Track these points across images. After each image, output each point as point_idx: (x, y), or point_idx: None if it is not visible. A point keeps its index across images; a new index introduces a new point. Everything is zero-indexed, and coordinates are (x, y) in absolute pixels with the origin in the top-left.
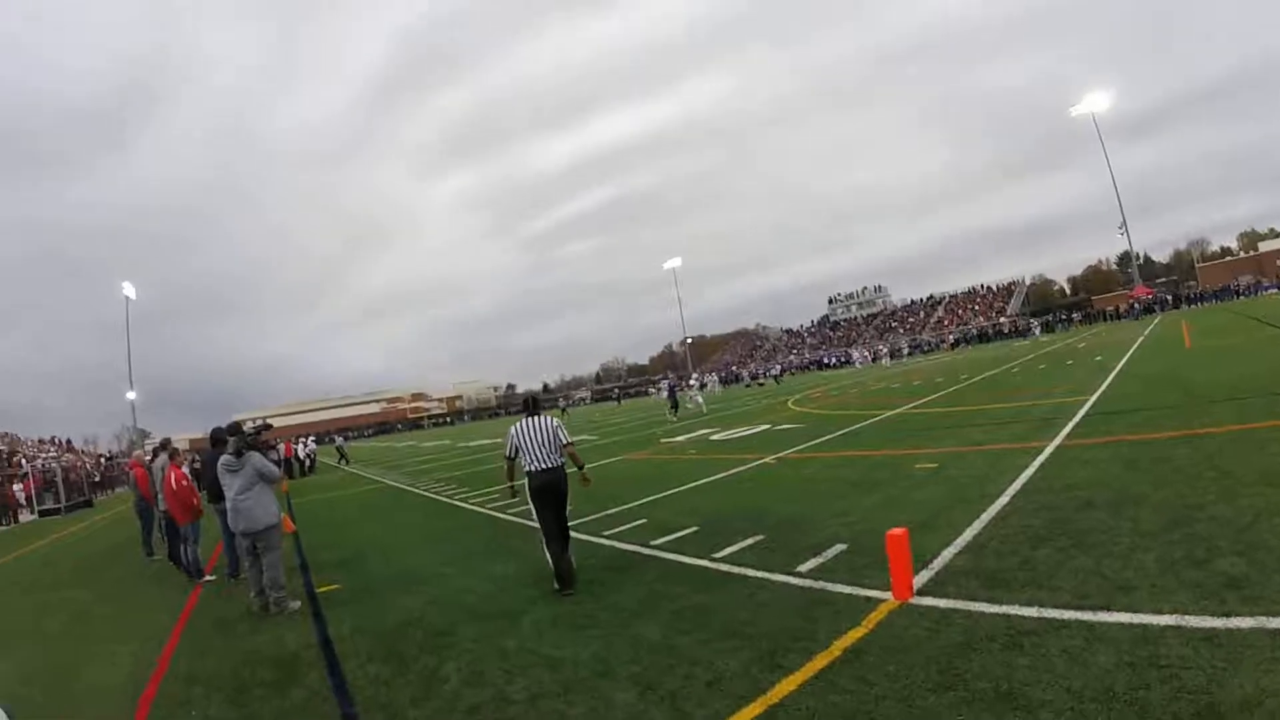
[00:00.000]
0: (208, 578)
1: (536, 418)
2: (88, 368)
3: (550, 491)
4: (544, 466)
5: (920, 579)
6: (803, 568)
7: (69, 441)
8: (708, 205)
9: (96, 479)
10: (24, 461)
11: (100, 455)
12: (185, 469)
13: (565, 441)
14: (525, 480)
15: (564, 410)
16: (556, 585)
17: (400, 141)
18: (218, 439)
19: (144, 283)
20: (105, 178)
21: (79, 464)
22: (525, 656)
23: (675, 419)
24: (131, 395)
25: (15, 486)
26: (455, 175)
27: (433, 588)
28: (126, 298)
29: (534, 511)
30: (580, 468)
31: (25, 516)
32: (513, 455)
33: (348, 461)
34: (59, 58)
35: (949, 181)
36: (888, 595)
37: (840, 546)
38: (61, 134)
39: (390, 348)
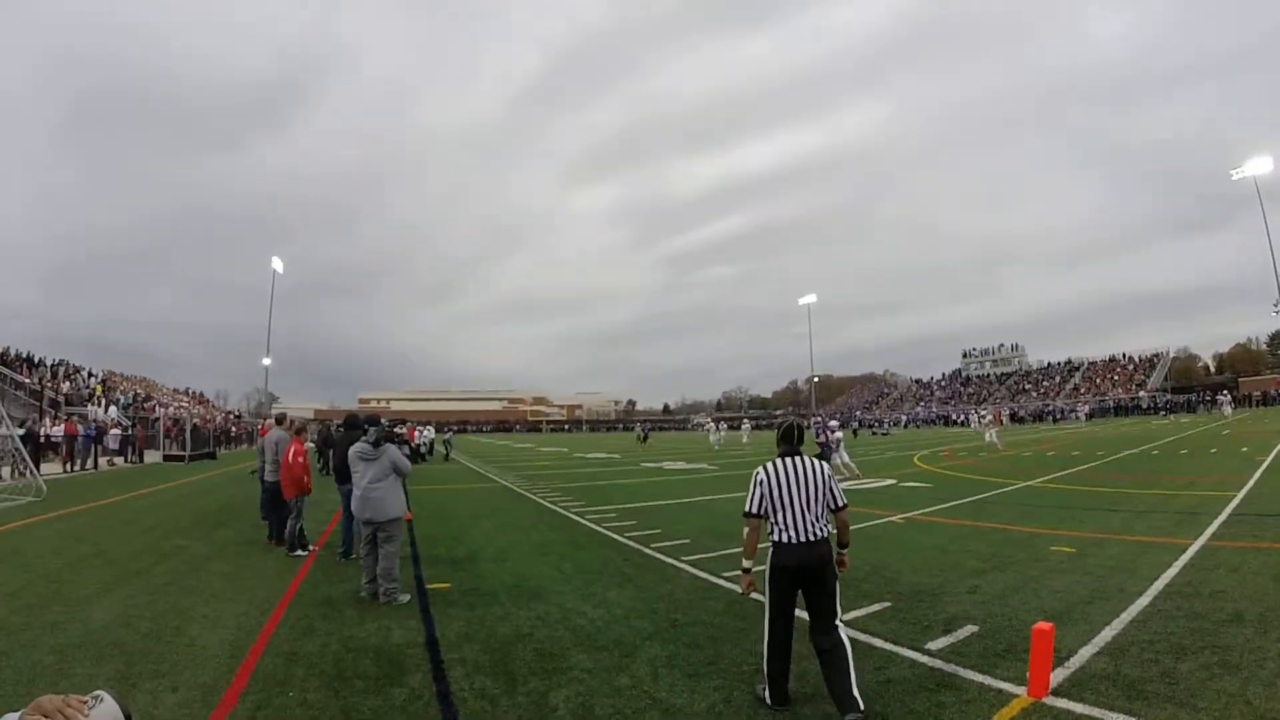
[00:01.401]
0: (299, 552)
1: (798, 459)
2: (229, 328)
3: (808, 575)
4: (804, 539)
5: (1056, 677)
6: (932, 645)
7: (201, 394)
8: (847, 240)
9: (223, 433)
10: (157, 407)
11: (229, 411)
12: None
13: (841, 503)
14: (770, 553)
15: (643, 437)
16: (767, 698)
17: (547, 150)
18: (353, 424)
19: (289, 257)
20: (260, 157)
21: (208, 417)
22: (639, 698)
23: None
24: (267, 361)
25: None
26: (598, 188)
27: (545, 604)
28: (274, 271)
29: (768, 601)
30: (843, 546)
31: (151, 457)
32: (760, 512)
33: (447, 456)
34: (221, 42)
35: (1096, 234)
36: (1021, 691)
37: (972, 627)
38: (222, 113)
39: (516, 350)
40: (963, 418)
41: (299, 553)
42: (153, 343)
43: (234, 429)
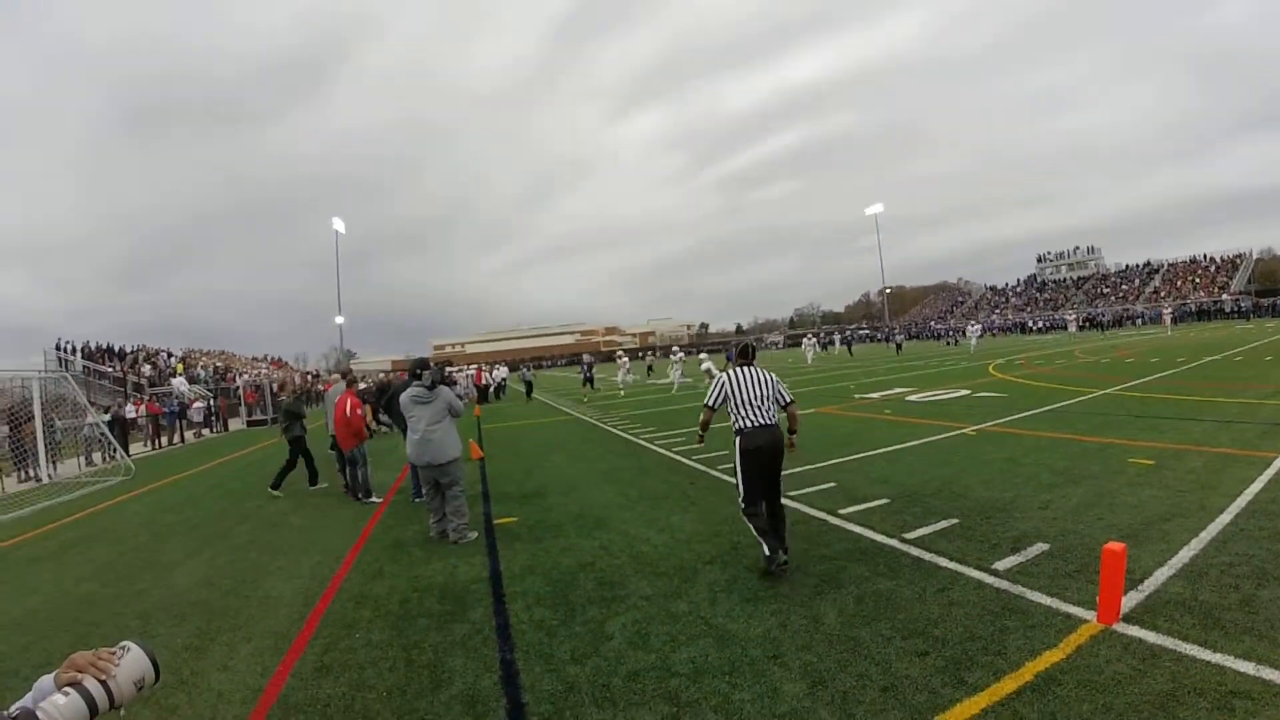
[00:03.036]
0: (373, 499)
1: (752, 368)
2: (301, 292)
3: (765, 454)
4: (760, 423)
5: (1128, 601)
6: (999, 565)
7: (280, 358)
8: (910, 149)
9: (303, 393)
10: (236, 376)
11: (308, 371)
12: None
13: (788, 399)
14: (735, 439)
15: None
16: (766, 561)
17: (590, 80)
18: (415, 373)
19: (353, 218)
20: (308, 125)
21: (288, 379)
22: (695, 624)
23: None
24: (339, 320)
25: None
26: (648, 115)
27: (609, 532)
28: (336, 231)
29: (740, 476)
30: (792, 432)
31: (235, 425)
32: (715, 405)
33: (529, 395)
34: (251, 17)
35: (1176, 133)
36: (1091, 616)
37: (1042, 546)
38: (258, 88)
39: (583, 285)
40: (1043, 324)
41: (372, 499)
42: (228, 318)
43: (317, 388)
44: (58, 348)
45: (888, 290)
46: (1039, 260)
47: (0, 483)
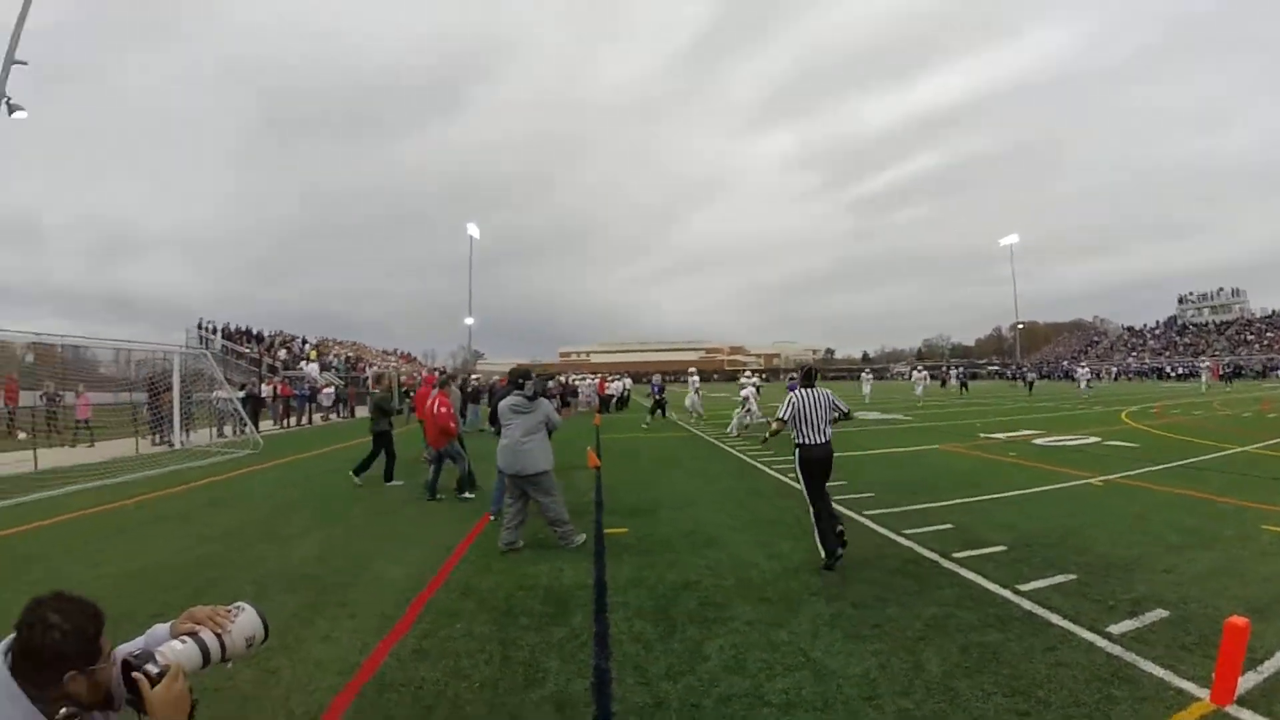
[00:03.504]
0: (467, 494)
1: (813, 390)
2: (433, 295)
3: (818, 465)
4: (816, 441)
5: (1245, 682)
6: (1114, 628)
7: (409, 354)
8: (1049, 172)
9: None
10: (366, 367)
11: (436, 368)
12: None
13: (845, 410)
14: (796, 450)
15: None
16: (824, 559)
17: (723, 97)
18: (517, 381)
19: (484, 227)
20: (443, 138)
21: (413, 374)
22: (793, 655)
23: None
24: (469, 321)
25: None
26: (781, 134)
27: (718, 552)
28: (470, 237)
29: (802, 480)
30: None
31: (361, 412)
32: (785, 419)
33: (664, 413)
34: (395, 34)
35: None
36: (1204, 695)
37: (1161, 612)
38: (401, 102)
39: (709, 301)
40: (1182, 370)
41: (466, 495)
42: (364, 312)
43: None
44: (199, 326)
45: (1020, 326)
46: (1180, 301)
47: (136, 443)
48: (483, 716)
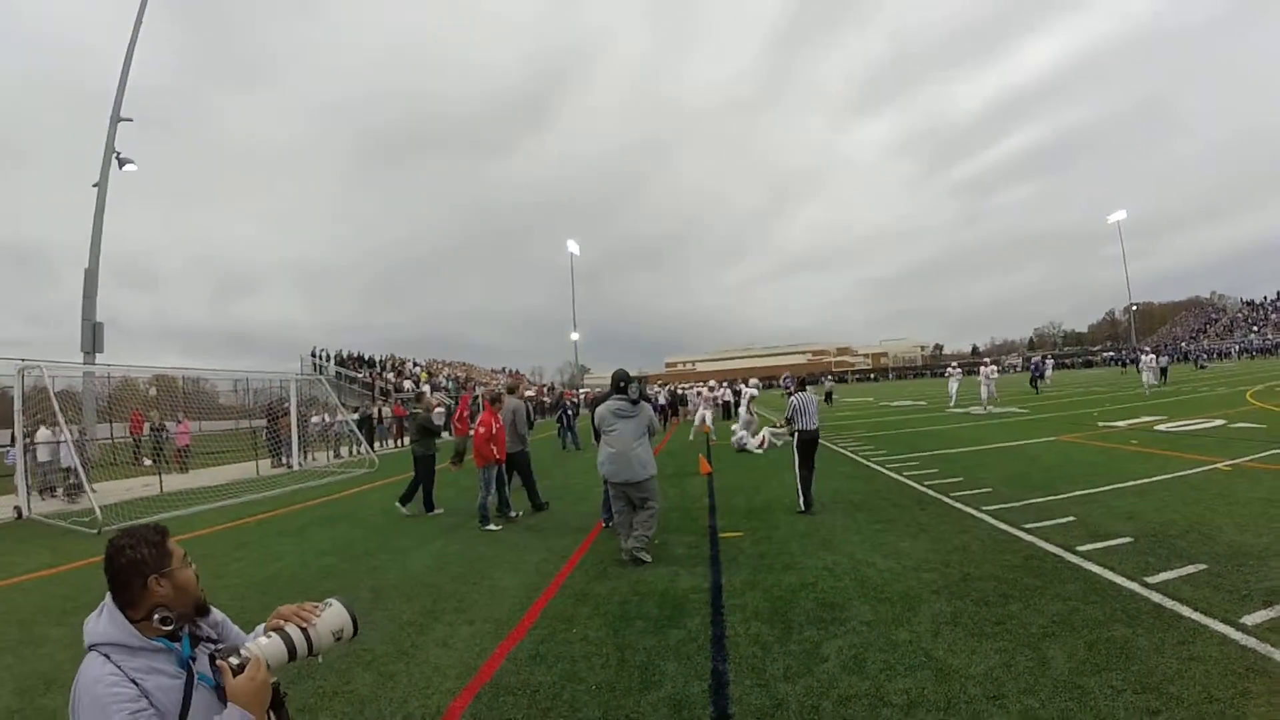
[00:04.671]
0: (490, 527)
1: (805, 393)
2: (539, 309)
3: (810, 445)
4: (811, 427)
5: None
6: (1248, 619)
7: (517, 371)
8: (1152, 141)
9: (538, 405)
10: (476, 386)
11: (543, 385)
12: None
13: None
14: (795, 435)
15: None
16: (802, 507)
17: (812, 88)
18: (618, 385)
19: (584, 240)
20: (535, 155)
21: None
22: (914, 655)
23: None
24: (575, 336)
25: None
26: (873, 121)
27: (834, 554)
28: (571, 254)
29: (796, 456)
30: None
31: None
32: (791, 418)
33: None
34: (481, 58)
35: None
36: None
37: None
38: (491, 124)
39: (817, 302)
40: None
41: (490, 527)
42: (471, 332)
43: (547, 400)
44: (313, 354)
45: (1134, 307)
46: None
47: (256, 466)
48: (599, 718)
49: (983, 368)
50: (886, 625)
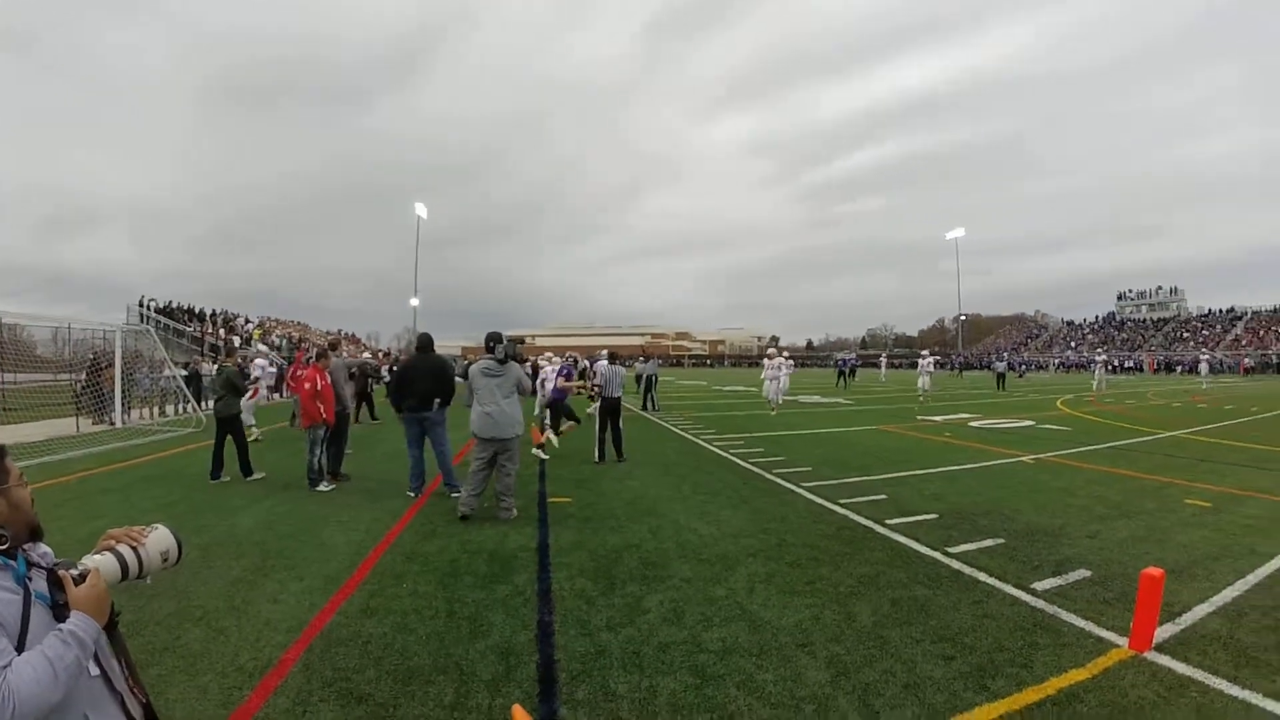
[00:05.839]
0: (321, 486)
1: (615, 366)
2: (381, 273)
3: (611, 409)
4: (615, 395)
5: (1163, 632)
6: (1038, 585)
7: (353, 334)
8: (1001, 173)
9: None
10: (311, 347)
11: (379, 350)
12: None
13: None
14: (599, 400)
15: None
16: (597, 458)
17: (682, 79)
18: (424, 345)
19: (439, 205)
20: (400, 113)
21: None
22: (730, 608)
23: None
24: (414, 302)
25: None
26: (737, 118)
27: (659, 520)
28: (418, 217)
29: (598, 418)
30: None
31: None
32: (601, 385)
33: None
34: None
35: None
36: (1123, 642)
37: (1084, 572)
38: (358, 72)
39: (660, 288)
40: (1120, 364)
41: (320, 488)
42: (307, 291)
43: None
44: (140, 304)
45: (963, 318)
46: (1119, 298)
47: (76, 422)
48: (429, 666)
49: (768, 360)
50: (705, 582)
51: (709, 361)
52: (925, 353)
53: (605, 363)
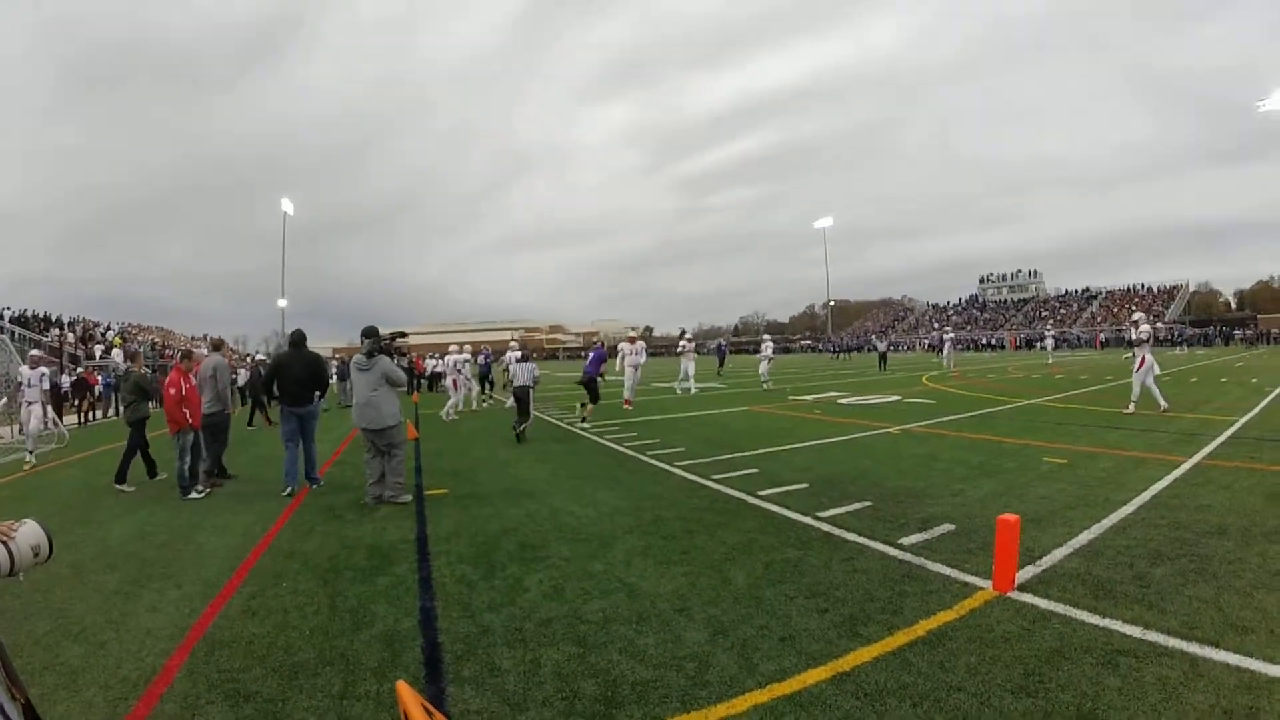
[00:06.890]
0: (193, 495)
1: (525, 362)
2: (246, 274)
3: (522, 394)
4: (522, 383)
5: (1025, 574)
6: (905, 540)
7: (220, 338)
8: (869, 163)
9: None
10: (174, 354)
11: (248, 355)
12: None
13: (538, 375)
14: (513, 388)
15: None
16: (516, 437)
17: (554, 72)
18: (296, 342)
19: (304, 200)
20: (260, 99)
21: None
22: (608, 581)
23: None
24: (282, 303)
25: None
26: (610, 109)
27: (536, 504)
28: (285, 213)
29: (514, 401)
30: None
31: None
32: (510, 375)
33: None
34: None
35: (1129, 161)
36: (987, 585)
37: (948, 526)
38: (212, 53)
39: (533, 280)
40: (985, 341)
41: (193, 495)
42: (170, 295)
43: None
44: None
45: (831, 303)
46: (981, 281)
47: None
48: (314, 659)
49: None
50: (583, 560)
51: (584, 353)
52: (766, 337)
53: (516, 354)
